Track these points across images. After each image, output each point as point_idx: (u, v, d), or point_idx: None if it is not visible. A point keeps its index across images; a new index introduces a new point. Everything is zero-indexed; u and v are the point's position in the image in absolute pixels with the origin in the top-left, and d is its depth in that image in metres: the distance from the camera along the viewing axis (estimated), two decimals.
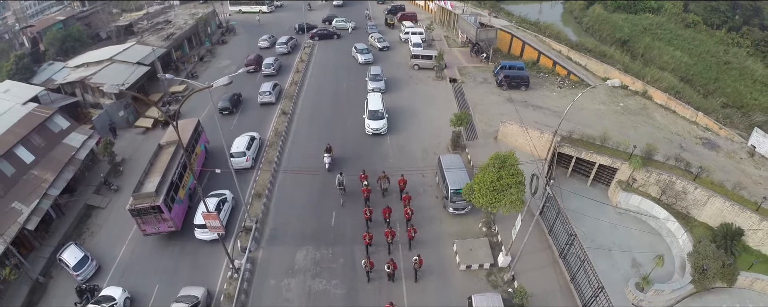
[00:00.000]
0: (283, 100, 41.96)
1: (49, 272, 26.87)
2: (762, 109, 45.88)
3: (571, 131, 32.08)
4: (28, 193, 28.51)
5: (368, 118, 36.27)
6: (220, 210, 27.34)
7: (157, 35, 50.24)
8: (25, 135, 31.37)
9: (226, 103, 40.39)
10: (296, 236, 27.21)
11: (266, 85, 42.22)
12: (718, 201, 27.65)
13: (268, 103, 41.42)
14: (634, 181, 30.17)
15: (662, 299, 24.65)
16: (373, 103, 37.35)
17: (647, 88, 41.38)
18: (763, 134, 32.93)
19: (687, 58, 56.38)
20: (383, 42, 53.12)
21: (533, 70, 44.97)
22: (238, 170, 30.81)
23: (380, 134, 35.99)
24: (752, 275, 25.42)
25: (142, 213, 25.47)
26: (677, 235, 28.53)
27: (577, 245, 22.62)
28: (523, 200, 23.24)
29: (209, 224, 21.90)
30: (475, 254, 24.96)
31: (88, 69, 41.49)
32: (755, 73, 53.65)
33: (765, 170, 31.84)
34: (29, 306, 24.84)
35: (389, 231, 25.10)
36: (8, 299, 24.95)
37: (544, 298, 23.28)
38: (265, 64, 47.57)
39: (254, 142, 34.24)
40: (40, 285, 25.99)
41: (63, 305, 24.63)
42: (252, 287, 24.23)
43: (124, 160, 35.40)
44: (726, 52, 57.25)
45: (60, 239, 28.52)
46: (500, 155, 24.25)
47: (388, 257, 24.26)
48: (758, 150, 33.27)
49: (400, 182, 28.91)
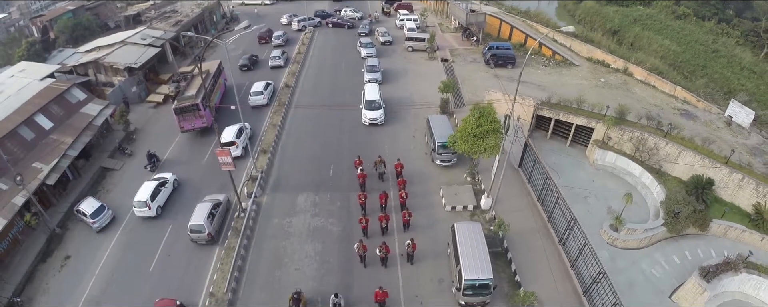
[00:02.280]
0: (291, 64, 48.47)
1: (66, 224, 29.00)
2: (749, 94, 47.29)
3: (550, 97, 34.29)
4: (48, 154, 30.85)
5: (365, 108, 35.96)
6: (241, 135, 33.46)
7: (165, 23, 53.00)
8: (44, 105, 33.74)
9: (245, 61, 47.55)
10: (297, 185, 30.06)
11: (276, 52, 49.06)
12: (689, 155, 29.72)
13: (277, 66, 47.82)
14: (609, 139, 32.30)
15: (635, 238, 26.58)
16: (370, 93, 37.02)
17: (628, 66, 43.58)
18: (740, 105, 34.57)
19: (675, 47, 57.70)
20: (386, 36, 53.40)
21: (520, 51, 47.33)
22: (255, 106, 39.11)
23: (377, 124, 35.68)
24: (725, 223, 27.30)
25: (183, 111, 33.91)
26: (651, 188, 30.54)
27: (552, 185, 24.73)
28: (500, 146, 25.40)
29: (222, 161, 24.75)
30: (460, 197, 27.15)
31: (100, 51, 44.15)
32: (743, 61, 53.97)
33: (742, 137, 33.29)
34: (46, 253, 26.97)
35: (383, 216, 24.87)
36: (28, 247, 27.15)
37: (524, 235, 25.52)
38: (275, 35, 54.23)
39: (269, 87, 41.17)
40: (57, 236, 28.09)
41: (77, 253, 26.74)
42: (257, 224, 26.78)
43: (136, 129, 37.89)
44: (714, 41, 57.81)
45: (76, 197, 30.69)
46: (479, 106, 26.61)
47: (381, 242, 23.53)
48: (735, 120, 34.66)
49: (397, 167, 28.88)
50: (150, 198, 27.75)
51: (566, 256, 23.92)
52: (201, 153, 34.21)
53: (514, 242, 24.88)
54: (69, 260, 26.27)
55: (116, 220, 28.63)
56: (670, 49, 56.48)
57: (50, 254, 26.88)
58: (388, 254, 23.14)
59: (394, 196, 27.76)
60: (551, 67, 45.15)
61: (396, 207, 26.93)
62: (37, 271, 25.83)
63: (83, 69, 43.16)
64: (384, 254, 22.92)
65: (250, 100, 39.11)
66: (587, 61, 45.78)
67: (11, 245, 26.60)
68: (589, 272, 20.79)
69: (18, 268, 25.76)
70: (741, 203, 28.72)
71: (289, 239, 25.48)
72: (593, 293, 20.87)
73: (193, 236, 25.38)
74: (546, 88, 38.12)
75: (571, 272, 23.21)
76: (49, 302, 23.79)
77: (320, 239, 25.56)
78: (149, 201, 27.66)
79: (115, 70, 41.49)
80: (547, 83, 39.94)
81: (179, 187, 30.73)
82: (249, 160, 31.54)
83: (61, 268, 25.80)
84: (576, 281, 22.71)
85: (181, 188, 30.73)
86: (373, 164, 29.15)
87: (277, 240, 25.55)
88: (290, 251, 24.85)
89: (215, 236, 25.92)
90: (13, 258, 26.33)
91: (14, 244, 26.86)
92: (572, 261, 23.21)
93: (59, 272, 25.52)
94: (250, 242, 25.65)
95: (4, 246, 26.07)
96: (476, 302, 21.02)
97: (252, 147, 32.87)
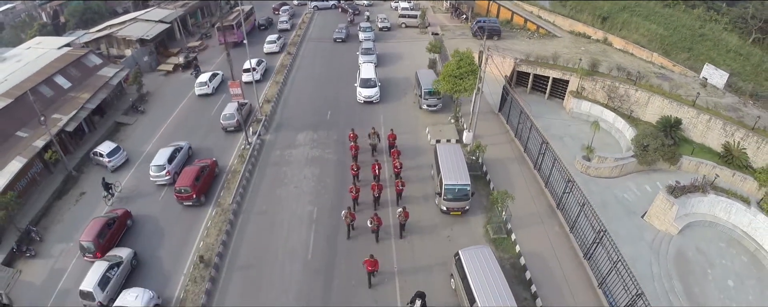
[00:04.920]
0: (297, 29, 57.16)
1: (81, 168, 31.35)
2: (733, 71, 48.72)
3: (529, 55, 36.96)
4: (67, 107, 33.45)
5: (360, 86, 36.38)
6: (260, 65, 41.96)
7: (173, 4, 56.55)
8: (62, 67, 36.53)
9: (263, 21, 57.96)
10: (298, 126, 33.36)
11: (284, 17, 59.37)
12: (658, 100, 32.13)
13: (285, 29, 56.34)
14: (583, 89, 34.86)
15: (607, 166, 28.64)
16: (366, 72, 37.56)
17: (607, 36, 46.36)
18: (714, 68, 36.53)
19: (662, 31, 59.60)
20: (385, 22, 54.38)
21: (507, 27, 50.23)
22: (268, 53, 48.22)
23: (372, 102, 36.06)
24: (696, 160, 28.98)
25: (224, 29, 48.08)
26: (624, 131, 32.86)
27: (525, 118, 27.27)
28: (477, 85, 28.07)
29: (232, 92, 28.71)
30: (443, 133, 29.72)
31: (112, 28, 47.32)
32: (730, 44, 54.32)
33: (717, 97, 34.47)
34: (62, 191, 29.19)
35: (376, 185, 24.21)
36: (45, 187, 29.36)
37: (503, 162, 28.17)
38: (283, 9, 64.01)
39: (281, 39, 50.36)
40: (73, 177, 30.36)
41: (92, 190, 28.83)
42: (260, 155, 29.83)
43: (148, 92, 40.83)
44: (702, 26, 58.37)
45: (92, 146, 32.92)
46: (459, 51, 29.36)
47: (372, 213, 22.70)
48: (709, 81, 36.40)
49: (390, 137, 28.82)
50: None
51: (541, 178, 26.28)
52: (205, 117, 36.69)
53: (493, 168, 27.38)
54: (84, 195, 28.42)
55: (129, 162, 31.07)
56: (656, 32, 58.40)
57: (66, 193, 28.90)
58: (380, 225, 22.09)
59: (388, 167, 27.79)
60: (535, 39, 47.95)
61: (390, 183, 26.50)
62: (52, 207, 27.68)
63: (95, 44, 46.18)
64: (376, 226, 21.90)
65: (265, 47, 48.74)
66: (569, 34, 48.61)
67: (29, 184, 28.38)
68: (562, 188, 22.68)
69: (35, 204, 27.52)
70: (711, 143, 30.29)
71: (290, 165, 28.33)
72: (566, 205, 22.97)
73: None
74: (528, 54, 40.86)
75: (546, 190, 25.51)
76: (63, 230, 25.63)
77: (318, 165, 28.34)
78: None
79: (127, 42, 44.58)
80: (530, 51, 42.64)
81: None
82: (266, 84, 39.59)
83: (75, 202, 27.89)
84: (550, 197, 25.00)
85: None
86: (367, 136, 29.20)
87: (279, 166, 28.37)
88: (290, 174, 27.61)
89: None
90: (30, 196, 28.20)
91: (32, 183, 28.73)
92: (545, 180, 25.56)
93: (74, 206, 27.58)
94: (253, 168, 28.45)
95: (23, 184, 27.71)
96: (456, 206, 23.34)
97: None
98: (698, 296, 21.27)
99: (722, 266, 23.08)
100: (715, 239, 24.78)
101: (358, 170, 26.08)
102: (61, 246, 24.40)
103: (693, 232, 24.88)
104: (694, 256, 23.53)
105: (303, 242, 22.94)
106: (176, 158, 28.80)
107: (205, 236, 23.57)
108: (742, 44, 55.69)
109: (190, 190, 25.14)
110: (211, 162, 28.25)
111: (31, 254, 23.92)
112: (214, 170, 28.26)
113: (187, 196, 25.29)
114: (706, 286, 21.87)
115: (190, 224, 24.81)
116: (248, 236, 23.68)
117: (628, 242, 22.78)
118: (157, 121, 35.96)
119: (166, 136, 33.25)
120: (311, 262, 21.78)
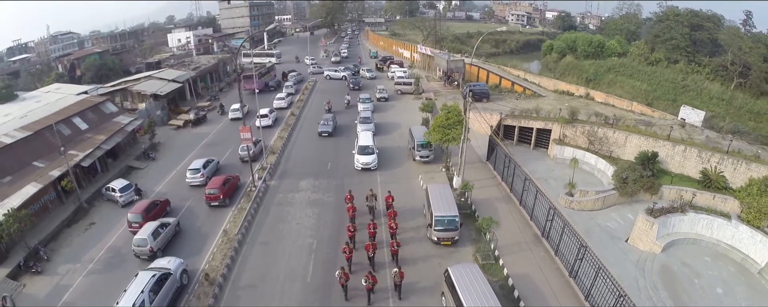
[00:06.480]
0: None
1: (92, 202, 32.76)
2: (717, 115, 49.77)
3: (513, 110, 40.73)
4: (83, 145, 35.59)
5: (358, 153, 36.40)
6: (272, 112, 49.03)
7: (184, 68, 60.83)
8: (81, 110, 39.31)
9: (272, 82, 65.72)
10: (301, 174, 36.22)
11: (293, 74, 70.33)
12: (635, 139, 34.98)
13: (292, 93, 61.72)
14: (565, 136, 37.95)
15: (589, 199, 30.61)
16: (364, 139, 37.75)
17: (589, 91, 50.35)
18: (691, 109, 39.05)
19: (646, 86, 58.71)
20: (383, 93, 56.72)
21: (495, 91, 54.86)
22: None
23: (370, 169, 35.98)
24: (676, 187, 30.44)
25: (247, 78, 57.63)
26: (606, 171, 35.18)
27: (510, 161, 30.10)
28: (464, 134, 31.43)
29: (243, 136, 32.61)
30: (435, 180, 32.36)
31: (127, 83, 51.66)
32: (712, 92, 57.05)
33: (696, 135, 35.67)
34: (72, 220, 30.43)
35: (370, 244, 23.82)
36: (57, 213, 30.70)
37: (491, 202, 30.28)
38: (290, 75, 71.13)
39: (289, 97, 57.78)
40: (83, 209, 31.64)
41: (101, 221, 30.36)
42: (265, 197, 32.58)
43: (160, 142, 43.85)
44: (684, 79, 60.25)
45: (104, 183, 34.35)
46: (447, 106, 33.40)
47: (367, 273, 21.89)
48: (687, 121, 38.32)
49: (387, 199, 28.77)
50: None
51: (526, 212, 28.37)
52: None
53: (481, 206, 29.40)
54: (93, 225, 29.78)
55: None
56: (641, 88, 57.07)
57: (76, 222, 30.10)
58: (375, 283, 21.32)
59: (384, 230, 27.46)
60: (522, 99, 52.12)
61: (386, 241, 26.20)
62: (61, 233, 28.73)
63: (111, 97, 48.07)
64: (371, 284, 21.14)
65: (275, 103, 54.89)
66: (553, 93, 52.80)
67: (41, 209, 29.64)
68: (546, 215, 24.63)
69: (45, 228, 28.47)
70: (689, 172, 32.23)
71: (292, 206, 30.80)
72: (551, 232, 24.59)
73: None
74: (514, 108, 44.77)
75: (532, 223, 27.44)
76: (71, 253, 26.63)
77: (318, 205, 30.72)
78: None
79: (141, 96, 48.34)
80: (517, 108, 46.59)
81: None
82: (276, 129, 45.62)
83: (84, 231, 29.07)
84: (535, 227, 26.83)
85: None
86: (365, 198, 29.12)
87: (282, 206, 30.86)
88: (292, 212, 29.97)
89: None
90: (41, 221, 29.07)
91: (44, 209, 30.00)
92: (530, 213, 27.65)
93: (83, 234, 28.75)
94: (259, 206, 30.81)
95: (36, 208, 28.92)
96: (446, 236, 25.15)
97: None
98: (687, 302, 22.28)
99: (709, 277, 24.25)
100: (699, 255, 26.09)
101: (355, 232, 25.80)
102: (67, 266, 25.41)
103: (676, 249, 26.27)
104: (680, 269, 24.81)
105: (303, 266, 24.66)
106: (208, 166, 35.60)
107: (229, 224, 28.53)
108: (724, 90, 58.13)
109: (218, 191, 30.66)
110: (235, 176, 33.73)
111: (37, 270, 24.74)
112: (237, 183, 33.70)
113: (216, 196, 30.63)
114: (693, 293, 22.96)
115: (215, 220, 29.71)
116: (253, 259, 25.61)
117: (613, 264, 23.67)
118: (167, 167, 38.09)
119: (174, 182, 35.53)
120: (310, 283, 23.39)
